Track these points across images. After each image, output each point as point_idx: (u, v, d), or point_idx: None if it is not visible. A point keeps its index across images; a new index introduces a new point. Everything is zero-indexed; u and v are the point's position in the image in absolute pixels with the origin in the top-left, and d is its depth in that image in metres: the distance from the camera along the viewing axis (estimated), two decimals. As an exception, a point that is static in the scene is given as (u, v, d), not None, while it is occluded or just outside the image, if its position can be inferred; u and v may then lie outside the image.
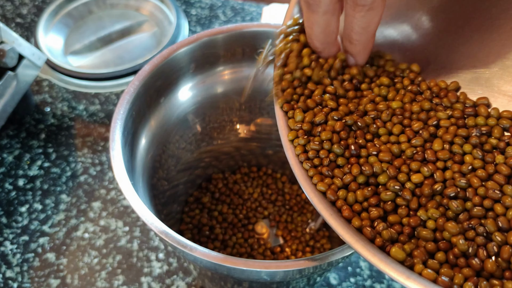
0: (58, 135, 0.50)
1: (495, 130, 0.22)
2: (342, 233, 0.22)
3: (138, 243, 0.42)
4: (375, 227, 0.22)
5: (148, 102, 0.34)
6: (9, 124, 0.50)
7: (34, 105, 0.52)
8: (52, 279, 0.40)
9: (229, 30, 0.36)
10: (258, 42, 0.36)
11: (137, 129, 0.33)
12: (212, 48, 0.36)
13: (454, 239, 0.21)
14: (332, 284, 0.40)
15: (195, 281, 0.40)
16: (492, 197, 0.20)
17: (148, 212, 0.26)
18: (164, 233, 0.25)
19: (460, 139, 0.23)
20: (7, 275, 0.40)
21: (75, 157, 0.48)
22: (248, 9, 0.64)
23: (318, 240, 0.41)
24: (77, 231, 0.43)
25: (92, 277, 0.40)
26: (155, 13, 0.60)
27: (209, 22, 0.63)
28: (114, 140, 0.29)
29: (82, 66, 0.55)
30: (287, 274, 0.26)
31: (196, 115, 0.39)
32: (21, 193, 0.45)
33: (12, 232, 0.43)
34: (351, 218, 0.22)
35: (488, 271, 0.19)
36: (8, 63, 0.43)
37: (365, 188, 0.23)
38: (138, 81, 0.32)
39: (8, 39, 0.43)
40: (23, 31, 0.61)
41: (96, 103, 0.53)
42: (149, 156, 0.35)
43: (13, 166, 0.47)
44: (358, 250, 0.21)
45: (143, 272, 0.40)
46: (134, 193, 0.27)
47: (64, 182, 0.46)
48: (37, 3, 0.65)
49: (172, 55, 0.34)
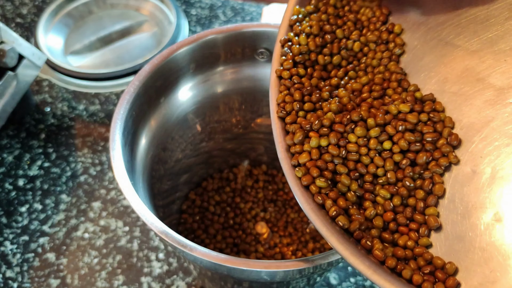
0: (58, 135, 0.50)
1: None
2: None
3: (138, 243, 0.42)
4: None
5: (148, 102, 0.34)
6: (9, 124, 0.50)
7: (34, 105, 0.52)
8: (52, 279, 0.40)
9: (229, 30, 0.36)
10: (258, 42, 0.36)
11: (137, 129, 0.33)
12: (212, 48, 0.36)
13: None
14: (332, 284, 0.40)
15: (195, 281, 0.40)
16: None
17: (148, 212, 0.26)
18: (164, 233, 0.25)
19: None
20: (7, 275, 0.40)
21: (75, 157, 0.48)
22: (248, 9, 0.64)
23: (318, 240, 0.41)
24: (77, 231, 0.43)
25: (92, 277, 0.40)
26: (155, 13, 0.60)
27: (209, 22, 0.63)
28: (114, 140, 0.29)
29: (82, 66, 0.55)
30: (287, 274, 0.26)
31: (196, 115, 0.39)
32: (21, 193, 0.45)
33: (12, 232, 0.43)
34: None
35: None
36: (8, 63, 0.43)
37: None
38: (138, 81, 0.32)
39: (8, 39, 0.43)
40: (23, 31, 0.61)
41: (96, 103, 0.53)
42: (149, 156, 0.35)
43: (13, 166, 0.47)
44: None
45: (143, 272, 0.40)
46: (134, 193, 0.27)
47: (64, 182, 0.46)
48: (37, 3, 0.65)
49: (172, 55, 0.34)
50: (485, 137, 0.23)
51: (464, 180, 0.23)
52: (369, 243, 0.22)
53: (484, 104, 0.24)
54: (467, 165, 0.23)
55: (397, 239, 0.23)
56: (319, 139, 0.24)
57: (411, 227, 0.23)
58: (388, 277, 0.21)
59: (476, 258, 0.21)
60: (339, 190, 0.24)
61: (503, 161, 0.22)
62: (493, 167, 0.22)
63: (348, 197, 0.24)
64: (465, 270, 0.21)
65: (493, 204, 0.22)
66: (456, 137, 0.24)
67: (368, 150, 0.24)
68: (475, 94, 0.24)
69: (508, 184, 0.22)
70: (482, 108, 0.24)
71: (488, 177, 0.22)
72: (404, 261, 0.23)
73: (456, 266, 0.22)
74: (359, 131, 0.24)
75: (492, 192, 0.22)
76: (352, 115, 0.24)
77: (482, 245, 0.21)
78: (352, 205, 0.24)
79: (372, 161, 0.24)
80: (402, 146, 0.24)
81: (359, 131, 0.24)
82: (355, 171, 0.24)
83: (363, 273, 0.21)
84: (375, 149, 0.24)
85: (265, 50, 0.37)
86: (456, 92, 0.25)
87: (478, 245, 0.21)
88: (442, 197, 0.24)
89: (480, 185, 0.22)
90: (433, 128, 0.24)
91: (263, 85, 0.39)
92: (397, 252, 0.22)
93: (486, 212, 0.22)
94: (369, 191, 0.24)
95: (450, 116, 0.25)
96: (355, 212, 0.23)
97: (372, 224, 0.23)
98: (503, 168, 0.22)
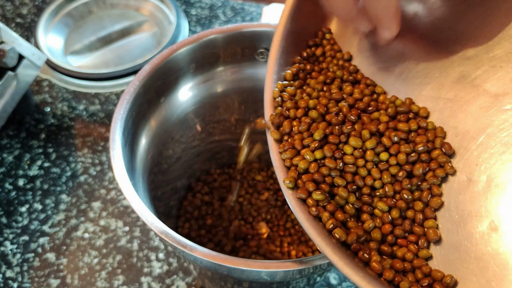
0: (58, 135, 0.50)
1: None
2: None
3: (138, 243, 0.42)
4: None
5: (148, 102, 0.34)
6: (9, 124, 0.50)
7: (34, 105, 0.52)
8: (52, 279, 0.40)
9: (229, 30, 0.36)
10: (258, 42, 0.36)
11: (137, 129, 0.33)
12: (212, 48, 0.36)
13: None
14: (332, 284, 0.40)
15: (195, 281, 0.40)
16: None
17: (148, 212, 0.26)
18: (164, 233, 0.25)
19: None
20: (7, 275, 0.40)
21: (75, 157, 0.48)
22: (248, 9, 0.64)
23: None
24: (77, 231, 0.43)
25: (92, 277, 0.40)
26: (155, 13, 0.60)
27: (209, 22, 0.63)
28: (114, 140, 0.29)
29: (82, 66, 0.55)
30: (287, 274, 0.26)
31: (196, 115, 0.39)
32: (21, 193, 0.45)
33: (12, 232, 0.43)
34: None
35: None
36: (8, 63, 0.43)
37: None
38: (138, 81, 0.32)
39: (8, 39, 0.43)
40: (23, 31, 0.61)
41: (96, 103, 0.53)
42: (149, 156, 0.35)
43: (13, 166, 0.47)
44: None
45: (143, 272, 0.40)
46: (134, 193, 0.27)
47: (64, 182, 0.46)
48: (37, 3, 0.65)
49: (172, 55, 0.34)
50: (480, 144, 0.23)
51: (460, 188, 0.23)
52: (366, 256, 0.22)
53: (480, 110, 0.24)
54: (462, 173, 0.23)
55: (396, 251, 0.23)
56: (313, 154, 0.24)
57: (410, 239, 0.23)
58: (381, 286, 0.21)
59: (472, 268, 0.21)
60: (337, 203, 0.24)
61: (498, 169, 0.22)
62: (489, 175, 0.22)
63: (346, 210, 0.24)
64: (460, 280, 0.21)
65: (489, 213, 0.21)
66: (450, 147, 0.24)
67: (365, 162, 0.24)
68: (470, 100, 0.24)
69: (503, 192, 0.22)
70: (478, 114, 0.24)
71: (484, 185, 0.22)
72: (402, 273, 0.22)
73: (456, 279, 0.21)
74: (353, 141, 0.24)
75: (487, 200, 0.22)
76: (344, 128, 0.25)
77: (477, 254, 0.21)
78: (350, 218, 0.24)
79: (370, 173, 0.24)
80: (400, 160, 0.24)
81: (353, 142, 0.24)
82: (353, 183, 0.24)
83: (357, 283, 0.21)
84: (372, 160, 0.24)
85: (265, 50, 0.37)
86: (452, 98, 0.25)
87: (474, 254, 0.21)
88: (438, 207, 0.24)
89: (476, 194, 0.22)
90: (425, 138, 0.24)
91: (263, 85, 0.38)
92: (396, 265, 0.22)
93: (481, 221, 0.22)
94: (367, 203, 0.24)
95: (447, 123, 0.25)
96: (354, 225, 0.23)
97: (370, 236, 0.23)
98: (498, 176, 0.22)
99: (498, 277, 0.20)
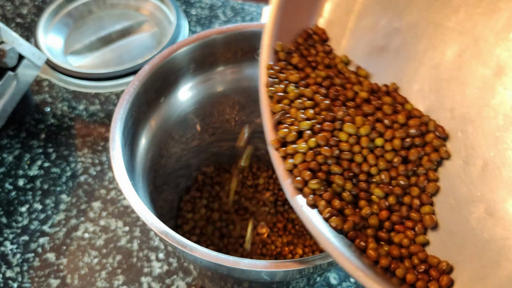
0: (58, 135, 0.50)
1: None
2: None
3: (138, 243, 0.42)
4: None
5: (148, 102, 0.34)
6: (9, 124, 0.50)
7: (34, 105, 0.52)
8: (52, 279, 0.40)
9: (229, 30, 0.36)
10: (258, 42, 0.36)
11: (137, 129, 0.33)
12: (212, 48, 0.36)
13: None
14: (332, 284, 0.40)
15: (195, 281, 0.40)
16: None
17: (148, 212, 0.26)
18: (164, 233, 0.25)
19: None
20: (7, 275, 0.40)
21: (75, 157, 0.48)
22: (248, 9, 0.64)
23: (318, 240, 0.41)
24: (77, 231, 0.43)
25: (92, 277, 0.40)
26: (155, 13, 0.60)
27: (209, 22, 0.63)
28: (114, 140, 0.29)
29: (82, 66, 0.55)
30: (287, 274, 0.26)
31: (196, 115, 0.39)
32: (21, 193, 0.45)
33: (12, 232, 0.43)
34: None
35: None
36: (8, 63, 0.43)
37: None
38: (138, 81, 0.32)
39: (8, 39, 0.43)
40: (23, 31, 0.61)
41: (96, 103, 0.53)
42: (149, 156, 0.35)
43: (13, 166, 0.47)
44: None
45: (143, 272, 0.40)
46: (134, 193, 0.27)
47: (64, 182, 0.46)
48: (37, 3, 0.65)
49: (172, 55, 0.34)
50: (477, 128, 0.23)
51: (456, 173, 0.23)
52: (363, 243, 0.22)
53: (479, 91, 0.23)
54: (458, 157, 0.23)
55: (393, 237, 0.23)
56: (308, 141, 0.24)
57: (407, 225, 0.23)
58: (377, 278, 0.21)
59: (468, 254, 0.21)
60: (334, 191, 0.24)
61: (494, 153, 0.22)
62: (484, 159, 0.22)
63: (343, 197, 0.24)
64: (456, 266, 0.21)
65: (484, 198, 0.21)
66: (443, 130, 0.24)
67: (361, 148, 0.24)
68: (468, 80, 0.23)
69: (499, 177, 0.21)
70: (476, 96, 0.23)
71: (480, 170, 0.22)
72: (398, 259, 0.22)
73: (452, 265, 0.21)
74: (349, 128, 0.24)
75: (483, 185, 0.22)
76: (337, 113, 0.25)
77: (473, 240, 0.21)
78: (347, 205, 0.23)
79: (366, 160, 0.24)
80: (396, 146, 0.24)
81: (349, 129, 0.24)
82: (349, 170, 0.24)
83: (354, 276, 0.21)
84: (367, 147, 0.24)
85: (265, 50, 0.37)
86: (449, 78, 0.24)
87: (470, 240, 0.21)
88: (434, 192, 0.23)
89: (471, 178, 0.22)
90: (419, 121, 0.24)
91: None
92: (392, 251, 0.22)
93: (477, 206, 0.21)
94: (364, 190, 0.24)
95: (443, 105, 0.24)
96: (351, 212, 0.23)
97: (368, 223, 0.23)
98: (493, 161, 0.22)
99: (493, 263, 0.20)
